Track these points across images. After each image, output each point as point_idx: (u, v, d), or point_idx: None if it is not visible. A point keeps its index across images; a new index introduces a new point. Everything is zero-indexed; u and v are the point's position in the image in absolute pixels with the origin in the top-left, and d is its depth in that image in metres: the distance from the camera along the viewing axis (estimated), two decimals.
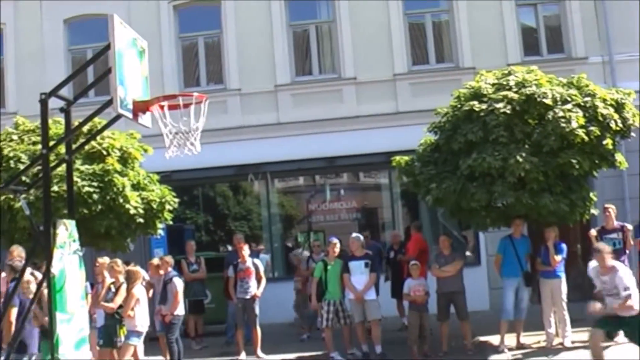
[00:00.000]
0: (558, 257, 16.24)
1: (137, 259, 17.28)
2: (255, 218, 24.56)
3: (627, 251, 16.52)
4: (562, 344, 16.10)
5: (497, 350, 16.15)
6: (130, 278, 14.38)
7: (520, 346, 16.32)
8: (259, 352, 17.13)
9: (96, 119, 14.13)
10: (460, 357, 15.68)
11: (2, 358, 12.17)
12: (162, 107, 10.13)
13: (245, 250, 17.65)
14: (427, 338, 16.50)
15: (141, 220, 16.86)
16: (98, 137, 16.03)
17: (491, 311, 19.77)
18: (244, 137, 22.70)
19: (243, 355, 17.08)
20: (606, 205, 16.78)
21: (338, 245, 16.79)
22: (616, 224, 16.55)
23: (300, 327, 19.54)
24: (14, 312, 12.01)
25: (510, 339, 16.45)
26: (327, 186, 24.72)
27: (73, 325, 10.85)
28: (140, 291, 14.41)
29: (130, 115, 9.88)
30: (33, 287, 12.02)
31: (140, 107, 10.19)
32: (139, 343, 14.44)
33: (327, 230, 22.67)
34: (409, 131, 19.15)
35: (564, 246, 16.49)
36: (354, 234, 17.26)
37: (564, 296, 16.26)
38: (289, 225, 25.02)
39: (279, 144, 22.42)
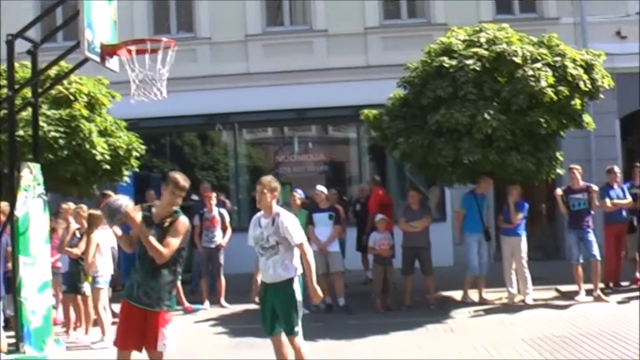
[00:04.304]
0: (519, 215, 16.36)
1: None
2: (222, 168, 24.54)
3: (592, 212, 16.63)
4: (523, 301, 16.24)
5: (459, 305, 16.29)
6: (90, 222, 14.15)
7: (482, 302, 16.47)
8: (222, 301, 17.18)
9: (64, 64, 14.04)
10: (422, 311, 15.76)
11: None
12: (129, 51, 10.08)
13: (212, 199, 17.67)
14: (390, 291, 16.62)
15: (107, 166, 16.78)
16: (65, 82, 15.91)
17: (455, 267, 19.92)
18: (213, 87, 22.60)
19: (207, 304, 17.11)
20: (572, 166, 16.86)
21: (298, 196, 16.78)
22: (582, 184, 16.64)
23: None
24: None
25: (472, 295, 16.61)
26: (295, 138, 24.72)
27: (36, 269, 10.83)
28: (101, 236, 14.26)
29: (97, 59, 9.82)
30: None
31: (108, 51, 10.12)
32: (105, 287, 14.28)
33: (294, 183, 22.63)
34: (378, 85, 19.12)
35: (525, 205, 16.62)
36: (319, 186, 17.27)
37: (524, 254, 16.39)
38: (256, 176, 24.96)
39: (248, 95, 22.35)
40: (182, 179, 8.76)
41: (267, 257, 9.47)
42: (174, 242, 8.63)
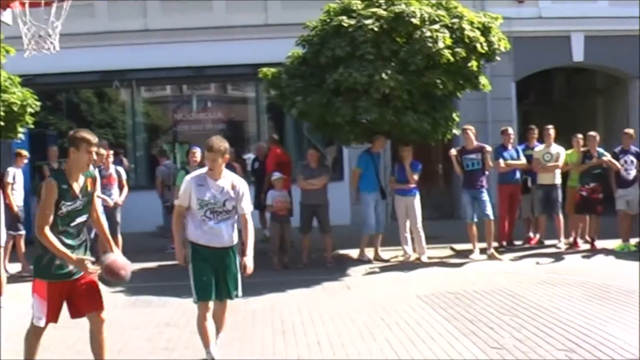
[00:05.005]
0: (416, 176, 16.60)
1: None
2: (119, 126, 24.30)
3: (486, 172, 16.93)
4: (419, 259, 16.48)
5: (355, 263, 16.47)
6: None
7: (378, 260, 16.67)
8: None
9: None
10: (319, 269, 15.88)
11: None
12: (23, 4, 9.88)
13: (110, 157, 17.47)
14: (288, 250, 16.70)
15: (1, 123, 16.45)
16: None
17: (352, 225, 20.10)
18: (110, 43, 22.26)
19: None
20: (465, 126, 17.14)
21: (198, 153, 16.69)
22: (476, 144, 16.91)
23: (165, 236, 19.41)
24: None
25: (369, 253, 16.80)
26: (194, 96, 24.62)
27: None
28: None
29: None
30: None
31: (1, 4, 9.92)
32: (3, 245, 13.96)
33: (193, 141, 22.51)
34: (278, 44, 19.02)
35: (419, 165, 16.88)
36: None
37: (419, 213, 16.62)
38: (154, 134, 24.82)
39: (146, 52, 22.11)
40: (91, 135, 8.04)
41: (218, 220, 8.93)
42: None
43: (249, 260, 8.94)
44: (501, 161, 17.43)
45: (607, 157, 17.24)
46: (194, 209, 8.93)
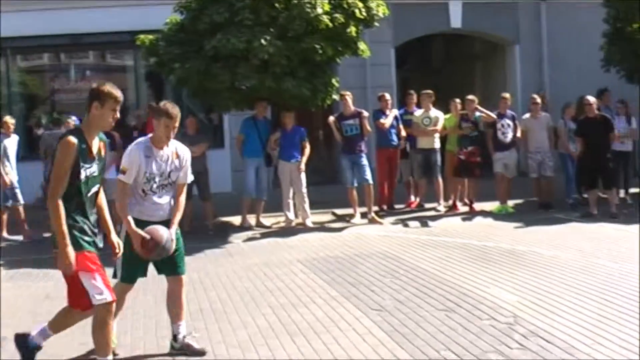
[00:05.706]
0: (307, 149, 16.71)
1: None
2: None
3: (365, 137, 17.12)
4: (302, 224, 16.57)
5: (237, 229, 16.50)
6: None
7: (260, 226, 16.71)
8: (4, 234, 16.69)
9: None
10: (201, 236, 15.78)
11: None
12: None
13: None
14: None
15: None
16: None
17: (233, 193, 20.08)
18: None
19: None
20: (342, 92, 17.25)
21: (73, 122, 16.43)
22: (353, 109, 17.06)
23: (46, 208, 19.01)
24: None
25: (251, 220, 16.84)
26: (72, 65, 24.11)
27: None
28: None
29: None
30: None
31: None
32: None
33: (71, 110, 22.13)
34: (156, 11, 18.77)
35: (301, 128, 17.02)
36: None
37: (303, 179, 16.70)
38: (31, 105, 24.30)
39: (21, 19, 21.46)
40: (118, 91, 7.12)
41: (161, 194, 8.09)
42: None
43: (173, 233, 8.07)
44: (382, 120, 17.62)
45: (484, 113, 17.60)
46: (137, 182, 8.03)
